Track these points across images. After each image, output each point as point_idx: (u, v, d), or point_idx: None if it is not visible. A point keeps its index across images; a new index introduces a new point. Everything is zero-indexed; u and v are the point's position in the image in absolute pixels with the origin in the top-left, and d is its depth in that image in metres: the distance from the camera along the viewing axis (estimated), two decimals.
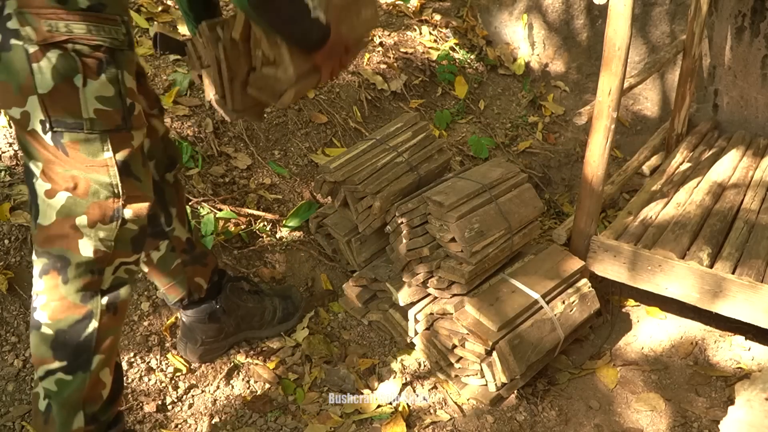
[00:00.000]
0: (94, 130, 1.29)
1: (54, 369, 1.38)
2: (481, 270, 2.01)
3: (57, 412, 1.39)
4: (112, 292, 1.41)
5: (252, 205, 2.39)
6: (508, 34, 3.62)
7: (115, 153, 1.33)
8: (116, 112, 1.31)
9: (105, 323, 1.40)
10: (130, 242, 1.41)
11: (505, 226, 2.01)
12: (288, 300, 2.12)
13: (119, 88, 1.31)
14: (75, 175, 1.31)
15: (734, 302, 2.07)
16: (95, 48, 1.27)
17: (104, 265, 1.39)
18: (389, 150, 2.19)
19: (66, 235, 1.34)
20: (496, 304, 1.96)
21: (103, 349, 1.41)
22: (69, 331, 1.37)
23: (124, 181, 1.35)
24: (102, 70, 1.28)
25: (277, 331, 2.10)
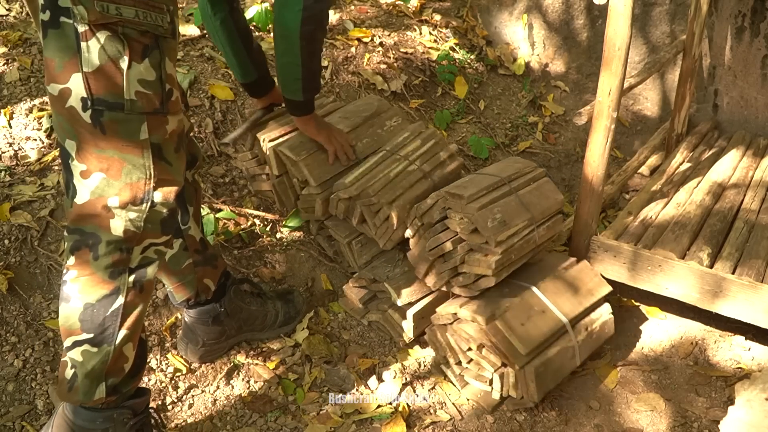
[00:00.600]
0: (133, 111, 1.34)
1: (81, 340, 1.43)
2: (508, 261, 1.95)
3: (81, 381, 1.45)
4: (139, 271, 1.46)
5: (251, 206, 2.39)
6: (508, 34, 3.62)
7: (151, 135, 1.37)
8: (156, 96, 1.36)
9: (131, 300, 1.45)
10: (160, 224, 1.45)
11: (527, 216, 1.98)
12: (290, 304, 2.12)
13: (160, 73, 1.36)
14: (110, 156, 1.36)
15: (734, 302, 2.07)
16: (142, 33, 1.32)
17: (133, 245, 1.43)
18: (401, 159, 2.16)
19: (98, 215, 1.39)
20: (527, 324, 1.91)
21: (128, 325, 1.46)
22: (96, 305, 1.42)
23: (156, 163, 1.40)
24: (146, 54, 1.33)
25: (278, 333, 2.10)
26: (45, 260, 1.97)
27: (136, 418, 1.55)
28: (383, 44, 3.14)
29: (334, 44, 3.02)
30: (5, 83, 2.29)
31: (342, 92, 2.84)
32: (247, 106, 2.57)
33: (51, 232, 2.01)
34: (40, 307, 1.90)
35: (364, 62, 2.99)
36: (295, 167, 2.15)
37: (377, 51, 3.08)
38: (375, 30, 3.21)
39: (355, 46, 3.06)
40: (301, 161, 2.11)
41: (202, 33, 2.76)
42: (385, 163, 2.16)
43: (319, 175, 2.13)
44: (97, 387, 1.46)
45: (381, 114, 2.33)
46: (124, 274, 1.44)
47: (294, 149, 2.13)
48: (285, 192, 2.29)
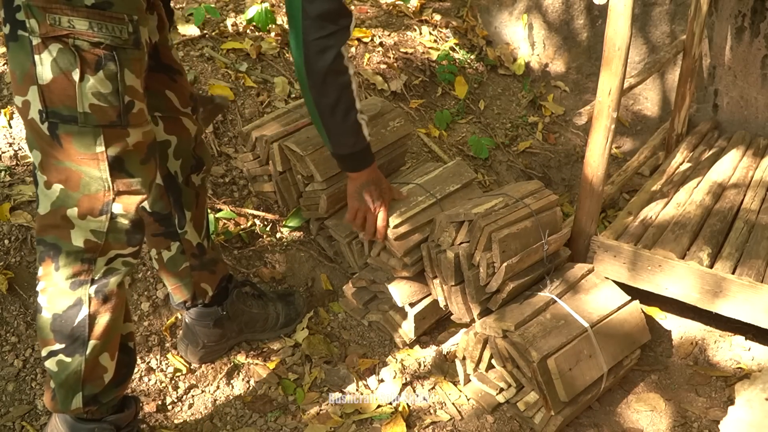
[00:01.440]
0: (87, 124, 1.32)
1: (55, 350, 1.44)
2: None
3: (57, 390, 1.46)
4: (101, 281, 1.44)
5: (251, 206, 2.39)
6: (508, 34, 3.62)
7: (107, 148, 1.35)
8: (112, 109, 1.33)
9: (95, 310, 1.44)
10: (125, 234, 1.44)
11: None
12: (290, 306, 2.12)
13: (117, 86, 1.33)
14: (67, 167, 1.35)
15: (734, 302, 2.07)
16: (95, 45, 1.29)
17: (96, 255, 1.42)
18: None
19: (58, 225, 1.39)
20: (575, 369, 1.87)
21: (98, 335, 1.44)
22: (63, 316, 1.42)
23: (115, 176, 1.38)
24: (101, 66, 1.30)
25: (278, 335, 2.11)
26: None
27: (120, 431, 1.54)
28: (383, 44, 3.14)
29: None
30: (5, 83, 2.29)
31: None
32: (247, 106, 2.58)
33: None
34: None
35: (364, 62, 2.99)
36: (301, 162, 2.15)
37: (377, 51, 3.08)
38: (375, 30, 3.21)
39: (355, 46, 3.06)
40: (307, 156, 2.11)
41: (202, 33, 2.76)
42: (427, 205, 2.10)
43: (325, 170, 2.13)
44: (73, 397, 1.46)
45: (384, 115, 2.34)
46: (86, 284, 1.43)
47: (300, 144, 2.13)
48: (287, 189, 2.29)
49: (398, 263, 2.05)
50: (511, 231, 1.92)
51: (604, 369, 1.95)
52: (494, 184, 2.98)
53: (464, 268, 1.94)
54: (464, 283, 1.96)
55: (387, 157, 2.32)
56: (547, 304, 1.98)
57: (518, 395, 1.96)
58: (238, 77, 2.65)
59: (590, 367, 1.92)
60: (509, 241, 1.91)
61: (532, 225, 1.98)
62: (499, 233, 1.89)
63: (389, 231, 1.99)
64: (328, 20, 1.62)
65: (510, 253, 1.92)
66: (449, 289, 1.99)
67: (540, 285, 2.06)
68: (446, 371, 2.11)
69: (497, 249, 1.89)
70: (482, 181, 2.93)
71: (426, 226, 2.05)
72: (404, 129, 2.36)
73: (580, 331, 1.93)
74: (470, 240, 1.93)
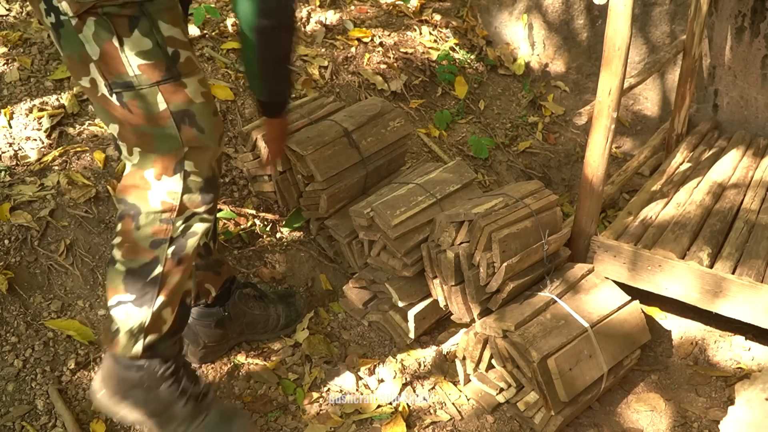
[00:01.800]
0: (142, 85, 1.35)
1: (124, 300, 1.50)
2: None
3: (122, 336, 1.52)
4: (179, 242, 1.49)
5: (251, 206, 2.39)
6: (508, 34, 3.62)
7: (170, 104, 1.38)
8: (159, 64, 1.35)
9: (168, 270, 1.50)
10: (198, 193, 1.47)
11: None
12: (291, 307, 2.11)
13: (155, 39, 1.34)
14: (142, 131, 1.40)
15: (734, 302, 2.07)
16: (122, 6, 1.30)
17: (173, 215, 1.47)
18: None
19: (137, 186, 1.45)
20: (575, 369, 1.88)
21: (167, 293, 1.51)
22: (138, 271, 1.48)
23: (183, 130, 1.41)
24: (134, 26, 1.32)
25: (278, 335, 2.10)
26: (45, 260, 1.97)
27: (170, 364, 1.60)
28: (383, 44, 3.14)
29: (334, 44, 3.02)
30: (5, 83, 2.29)
31: (342, 92, 2.84)
32: (248, 106, 2.58)
33: (51, 232, 2.01)
34: (40, 307, 1.90)
35: (364, 62, 2.99)
36: (302, 162, 2.15)
37: (377, 51, 3.08)
38: (375, 30, 3.21)
39: (355, 46, 3.06)
40: (308, 156, 2.11)
41: (202, 33, 2.76)
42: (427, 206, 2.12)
43: (325, 170, 2.14)
44: (135, 343, 1.53)
45: (384, 115, 2.34)
46: (164, 244, 1.48)
47: (301, 144, 2.13)
48: (288, 189, 2.29)
49: (398, 263, 2.05)
50: (511, 231, 1.92)
51: (604, 369, 1.95)
52: (494, 184, 2.98)
53: (464, 268, 1.94)
54: (464, 283, 1.96)
55: (387, 157, 2.32)
56: (547, 304, 1.98)
57: (518, 395, 1.96)
58: (238, 77, 2.65)
59: (590, 367, 1.92)
60: (509, 241, 1.91)
61: (532, 225, 1.98)
62: (499, 233, 1.89)
63: (389, 231, 1.99)
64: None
65: (510, 253, 1.92)
66: (449, 289, 1.99)
67: (540, 285, 2.06)
68: (446, 371, 2.11)
69: (497, 249, 1.89)
70: (482, 181, 2.93)
71: (426, 226, 2.05)
72: (404, 129, 2.36)
73: (580, 331, 1.93)
74: (470, 240, 1.93)
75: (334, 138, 2.19)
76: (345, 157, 2.20)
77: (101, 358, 1.88)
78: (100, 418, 1.76)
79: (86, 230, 2.06)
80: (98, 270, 2.01)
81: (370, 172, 2.28)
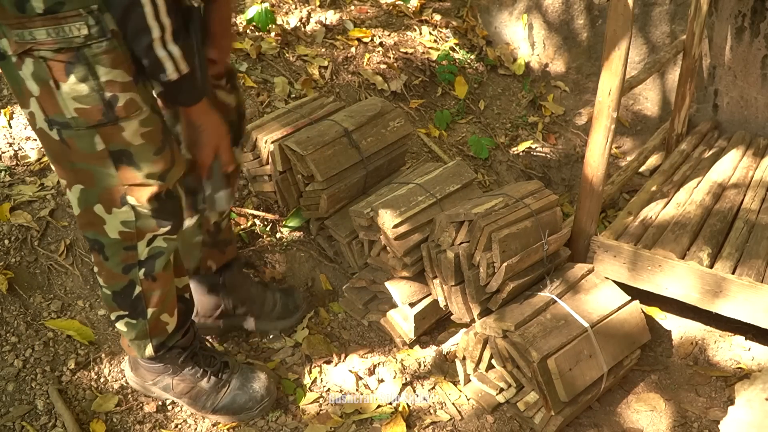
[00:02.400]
0: (79, 127, 1.35)
1: (121, 315, 1.63)
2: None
3: (131, 343, 1.68)
4: (149, 263, 1.55)
5: (252, 206, 2.39)
6: (508, 34, 3.62)
7: (107, 144, 1.38)
8: (95, 109, 1.34)
9: (147, 288, 1.58)
10: (153, 219, 1.49)
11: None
12: (290, 297, 2.12)
13: (92, 85, 1.32)
14: (82, 168, 1.41)
15: (734, 302, 2.07)
16: (57, 51, 1.28)
17: (135, 242, 1.51)
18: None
19: (92, 222, 1.49)
20: (575, 369, 1.88)
21: (155, 304, 1.61)
22: (121, 293, 1.59)
23: (121, 170, 1.41)
24: (70, 71, 1.30)
25: (275, 327, 2.09)
26: (45, 260, 1.97)
27: (186, 352, 1.76)
28: (383, 44, 3.14)
29: (334, 44, 3.02)
30: (5, 83, 2.29)
31: (342, 92, 2.84)
32: (248, 107, 2.57)
33: (51, 232, 2.01)
34: (40, 307, 1.90)
35: (364, 62, 2.99)
36: (302, 162, 2.15)
37: (377, 51, 3.08)
38: (375, 30, 3.21)
39: (355, 46, 3.06)
40: (308, 156, 2.11)
41: None
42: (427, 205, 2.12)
43: (325, 170, 2.14)
44: (145, 347, 1.68)
45: (385, 115, 2.34)
46: (134, 268, 1.55)
47: (301, 144, 2.13)
48: (288, 189, 2.29)
49: (398, 263, 2.05)
50: (511, 231, 1.92)
51: (604, 369, 1.95)
52: (494, 184, 2.98)
53: (464, 268, 1.94)
54: (464, 283, 1.96)
55: (387, 157, 2.32)
56: (547, 304, 1.98)
57: (518, 395, 1.96)
58: (238, 77, 2.65)
59: (590, 367, 1.92)
60: (509, 241, 1.91)
61: (532, 225, 1.98)
62: (499, 233, 1.89)
63: (389, 231, 1.99)
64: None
65: (510, 253, 1.92)
66: (449, 289, 1.99)
67: (540, 285, 2.06)
68: (446, 371, 2.11)
69: (497, 249, 1.89)
70: (482, 181, 2.93)
71: (426, 226, 2.05)
72: (404, 129, 2.36)
73: (580, 331, 1.93)
74: (470, 240, 1.93)
75: (334, 138, 2.19)
76: (345, 157, 2.20)
77: (101, 358, 1.88)
78: (100, 418, 1.76)
79: None
80: None
81: (370, 172, 2.28)
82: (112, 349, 1.90)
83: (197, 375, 1.78)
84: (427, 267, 2.03)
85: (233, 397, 1.81)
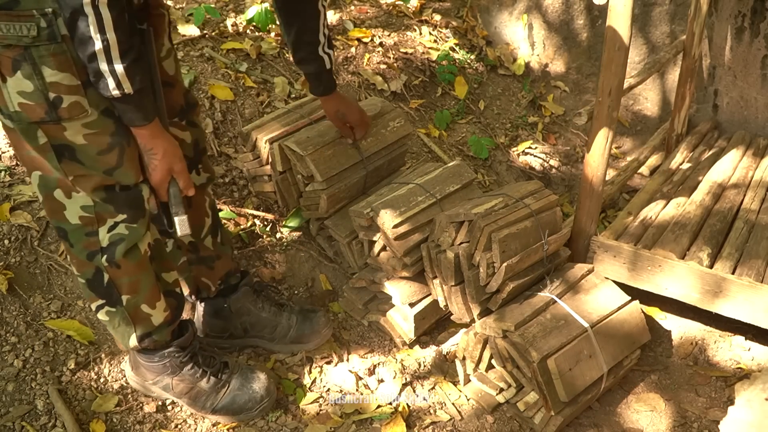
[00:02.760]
0: (21, 122, 1.37)
1: (101, 304, 1.63)
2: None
3: (115, 333, 1.69)
4: (110, 250, 1.54)
5: (251, 206, 2.39)
6: (508, 35, 3.62)
7: (51, 139, 1.40)
8: (39, 106, 1.35)
9: (113, 275, 1.57)
10: (111, 204, 1.50)
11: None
12: (308, 321, 2.04)
13: (36, 84, 1.33)
14: (36, 155, 1.43)
15: (734, 302, 2.07)
16: (6, 47, 1.30)
17: (96, 227, 1.52)
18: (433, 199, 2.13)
19: (54, 209, 1.51)
20: (575, 369, 1.87)
21: (127, 291, 1.60)
22: (93, 280, 1.59)
23: (65, 163, 1.43)
24: (17, 67, 1.31)
25: (289, 350, 2.06)
26: (45, 260, 1.97)
27: (185, 351, 1.76)
28: (383, 44, 3.14)
29: (334, 44, 3.02)
30: None
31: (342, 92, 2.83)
32: (247, 107, 2.58)
33: (51, 232, 2.01)
34: (40, 307, 1.90)
35: (364, 62, 2.99)
36: (302, 162, 2.15)
37: (377, 51, 3.08)
38: (375, 30, 3.21)
39: (355, 46, 3.06)
40: (307, 156, 2.11)
41: (202, 33, 2.76)
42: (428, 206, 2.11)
43: (325, 170, 2.14)
44: (129, 337, 1.66)
45: (385, 115, 2.34)
46: (98, 255, 1.55)
47: (300, 144, 2.13)
48: (288, 189, 2.29)
49: (398, 263, 2.05)
50: (511, 231, 1.92)
51: (604, 369, 1.94)
52: (494, 184, 2.98)
53: (464, 268, 1.94)
54: (464, 283, 1.96)
55: (387, 157, 2.32)
56: (547, 304, 1.98)
57: (518, 395, 1.96)
58: (238, 77, 2.65)
59: (590, 367, 1.92)
60: (509, 241, 1.91)
61: (532, 225, 1.98)
62: (499, 233, 1.89)
63: (389, 231, 1.99)
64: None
65: (510, 253, 1.92)
66: (449, 289, 1.99)
67: (540, 285, 2.06)
68: (446, 371, 2.11)
69: (497, 249, 1.89)
70: (482, 181, 2.93)
71: (426, 226, 2.05)
72: (404, 129, 2.36)
73: (580, 331, 1.93)
74: (470, 240, 1.93)
75: (334, 138, 2.19)
76: (345, 157, 2.20)
77: (101, 358, 1.88)
78: (99, 418, 1.76)
79: None
80: None
81: (370, 172, 2.28)
82: (112, 349, 1.90)
83: (197, 375, 1.78)
84: (427, 267, 2.03)
85: (233, 398, 1.81)
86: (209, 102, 2.50)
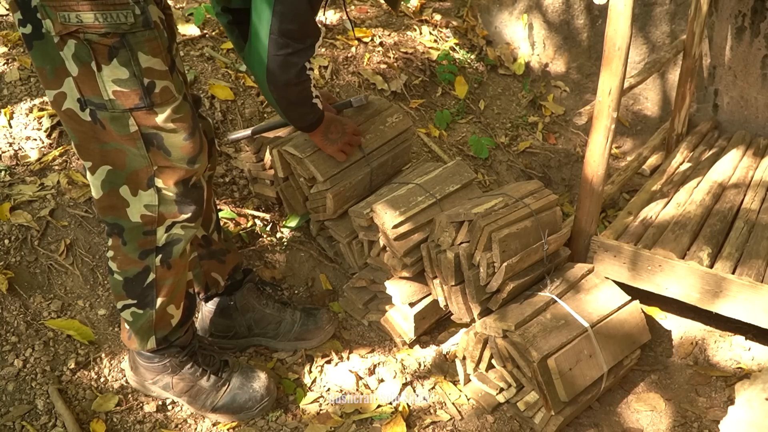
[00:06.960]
0: (115, 109, 1.40)
1: (128, 304, 1.64)
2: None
3: (135, 335, 1.69)
4: (166, 250, 1.59)
5: (252, 206, 2.39)
6: (508, 34, 3.62)
7: (141, 127, 1.43)
8: (134, 93, 1.40)
9: (161, 275, 1.61)
10: (175, 204, 1.53)
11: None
12: (311, 318, 2.06)
13: (133, 70, 1.38)
14: (113, 148, 1.46)
15: (734, 302, 2.07)
16: (104, 35, 1.34)
17: (155, 226, 1.55)
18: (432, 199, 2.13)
19: (114, 205, 1.53)
20: (575, 368, 1.88)
21: (164, 294, 1.64)
22: (133, 279, 1.61)
23: (152, 152, 1.46)
24: (113, 55, 1.36)
25: (293, 347, 2.07)
26: (45, 260, 1.97)
27: (185, 350, 1.78)
28: (383, 44, 3.14)
29: (334, 44, 3.02)
30: (5, 83, 2.29)
31: (342, 92, 2.84)
32: (248, 106, 2.58)
33: (51, 232, 2.01)
34: (40, 307, 1.90)
35: (364, 62, 2.99)
36: (301, 165, 2.15)
37: (377, 51, 3.08)
38: (375, 30, 3.21)
39: (355, 46, 3.06)
40: (306, 158, 2.11)
41: (202, 33, 2.76)
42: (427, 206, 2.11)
43: (325, 170, 2.13)
44: (148, 339, 1.69)
45: (381, 112, 2.34)
46: (152, 254, 1.58)
47: (298, 147, 2.13)
48: (293, 195, 2.28)
49: (398, 263, 2.05)
50: (511, 231, 1.92)
51: (604, 369, 1.95)
52: (494, 184, 2.98)
53: (464, 268, 1.94)
54: (464, 283, 1.96)
55: (389, 154, 2.32)
56: (547, 304, 1.98)
57: (518, 395, 1.96)
58: (238, 77, 2.65)
59: (590, 366, 1.92)
60: (509, 241, 1.91)
61: (532, 225, 1.98)
62: (499, 233, 1.89)
63: (389, 231, 1.99)
64: (295, 39, 1.66)
65: (510, 253, 1.92)
66: (449, 289, 1.99)
67: (540, 285, 2.06)
68: (446, 371, 2.11)
69: (497, 249, 1.89)
70: (482, 181, 2.93)
71: (426, 226, 2.05)
72: (403, 124, 2.35)
73: (581, 331, 1.93)
74: (470, 240, 1.93)
75: None
76: None
77: (101, 357, 1.88)
78: (100, 418, 1.76)
79: (86, 230, 2.06)
80: (98, 269, 2.02)
81: (375, 169, 2.27)
82: (112, 349, 1.90)
83: (197, 374, 1.79)
84: (427, 267, 2.03)
85: (233, 397, 1.81)
86: (209, 102, 2.50)
